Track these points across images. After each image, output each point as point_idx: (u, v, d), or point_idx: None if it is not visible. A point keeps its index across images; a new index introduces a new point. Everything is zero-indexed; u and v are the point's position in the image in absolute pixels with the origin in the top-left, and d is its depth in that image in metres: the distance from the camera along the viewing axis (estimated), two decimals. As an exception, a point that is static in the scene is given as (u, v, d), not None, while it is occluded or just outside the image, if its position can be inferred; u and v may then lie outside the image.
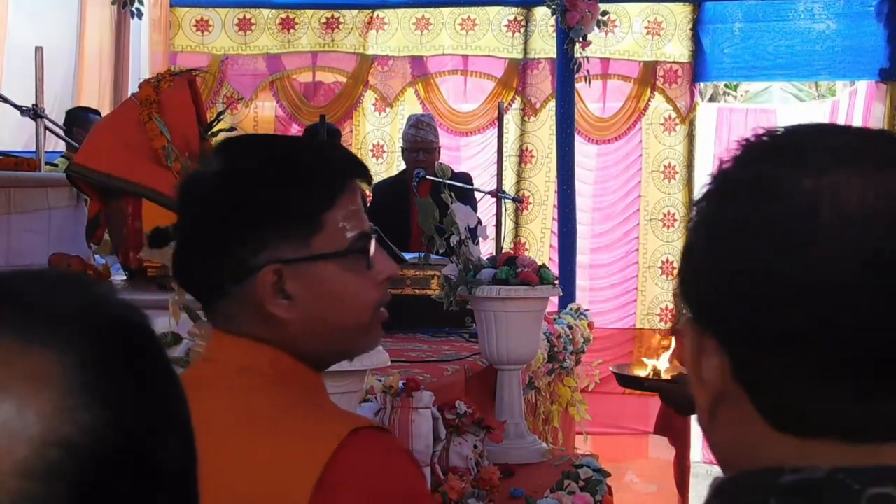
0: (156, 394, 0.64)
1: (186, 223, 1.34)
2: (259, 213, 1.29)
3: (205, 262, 1.31)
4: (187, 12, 7.31)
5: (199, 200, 1.33)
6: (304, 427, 1.26)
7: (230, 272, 1.29)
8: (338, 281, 1.32)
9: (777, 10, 6.83)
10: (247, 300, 1.29)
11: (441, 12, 7.17)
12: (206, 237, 1.31)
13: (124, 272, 3.87)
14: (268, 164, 1.33)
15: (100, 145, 3.79)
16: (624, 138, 7.07)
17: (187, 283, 1.37)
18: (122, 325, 0.64)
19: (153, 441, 0.62)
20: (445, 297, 3.78)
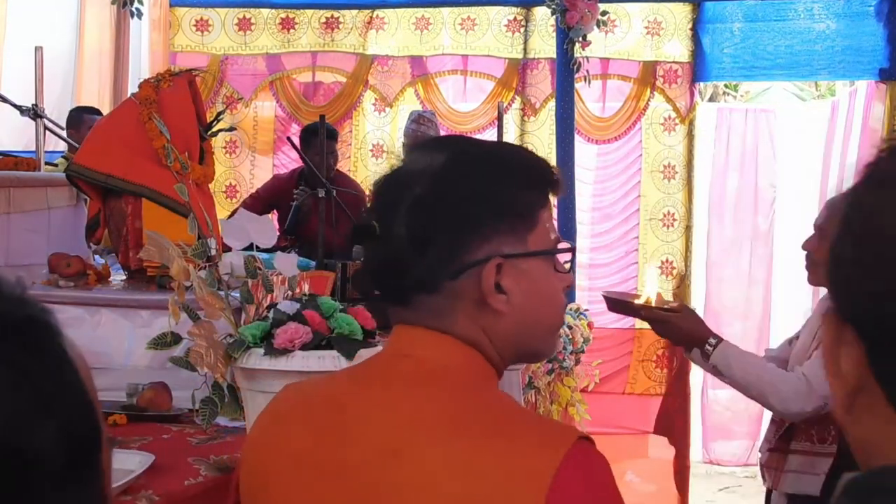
0: (35, 390, 0.64)
1: (398, 217, 1.31)
2: (488, 207, 1.31)
3: (422, 255, 1.30)
4: (187, 12, 7.31)
5: (416, 194, 1.31)
6: (525, 432, 1.26)
7: (449, 265, 1.29)
8: (546, 279, 1.34)
9: (777, 9, 6.83)
10: (460, 295, 1.30)
11: (441, 12, 7.17)
12: (426, 230, 1.30)
13: (124, 272, 3.87)
14: (491, 160, 1.34)
15: (99, 145, 3.79)
16: (624, 138, 7.07)
17: (388, 278, 1.35)
18: (5, 320, 0.64)
19: (28, 438, 0.62)
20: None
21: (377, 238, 1.33)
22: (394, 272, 1.33)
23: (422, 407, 1.28)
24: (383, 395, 1.31)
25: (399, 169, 1.39)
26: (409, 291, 1.33)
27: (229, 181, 7.34)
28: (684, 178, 7.03)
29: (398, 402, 1.30)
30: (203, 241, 2.56)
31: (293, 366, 2.22)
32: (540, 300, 1.34)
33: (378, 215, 1.34)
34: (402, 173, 1.36)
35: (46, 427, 0.64)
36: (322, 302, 2.34)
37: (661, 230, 7.03)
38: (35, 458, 0.63)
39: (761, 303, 7.34)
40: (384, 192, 1.36)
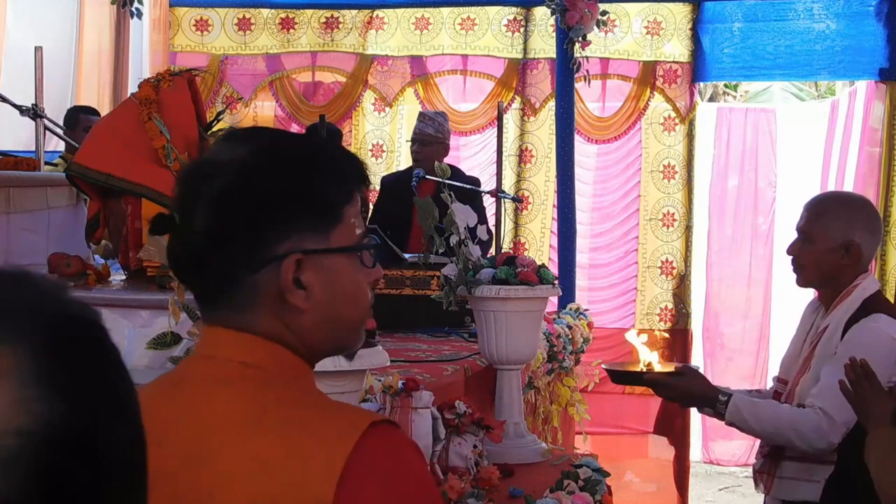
0: (106, 385, 0.66)
1: (199, 209, 1.29)
2: (289, 202, 1.29)
3: (222, 249, 1.28)
4: (187, 12, 7.31)
5: (217, 186, 1.29)
6: (319, 422, 1.25)
7: (248, 260, 1.28)
8: (348, 275, 1.32)
9: (776, 9, 6.83)
10: (261, 290, 1.29)
11: (440, 12, 7.17)
12: (225, 223, 1.28)
13: (124, 272, 3.87)
14: (295, 154, 1.32)
15: (99, 145, 3.79)
16: (623, 138, 7.07)
17: (191, 271, 1.33)
18: (72, 320, 0.66)
19: (103, 429, 0.64)
20: (445, 297, 3.78)
21: (177, 230, 1.31)
22: (195, 266, 1.31)
23: (222, 408, 1.27)
24: (188, 398, 1.29)
25: (202, 160, 1.37)
26: (210, 287, 1.32)
27: (229, 181, 7.33)
28: (684, 178, 7.03)
29: (200, 404, 1.28)
30: (203, 241, 2.56)
31: (293, 366, 2.22)
32: (343, 296, 1.32)
33: (179, 207, 1.31)
34: (205, 164, 1.34)
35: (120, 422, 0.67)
36: (322, 302, 2.34)
37: (660, 230, 7.03)
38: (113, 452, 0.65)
39: (761, 303, 7.34)
40: (186, 182, 1.32)
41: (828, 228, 3.13)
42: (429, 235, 3.82)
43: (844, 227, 3.12)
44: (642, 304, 7.01)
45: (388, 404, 2.98)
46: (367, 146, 7.30)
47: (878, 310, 3.08)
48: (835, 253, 3.12)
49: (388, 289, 4.70)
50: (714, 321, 7.32)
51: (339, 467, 1.18)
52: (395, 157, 7.26)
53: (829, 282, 3.16)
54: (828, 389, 3.00)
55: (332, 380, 2.22)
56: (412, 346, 4.33)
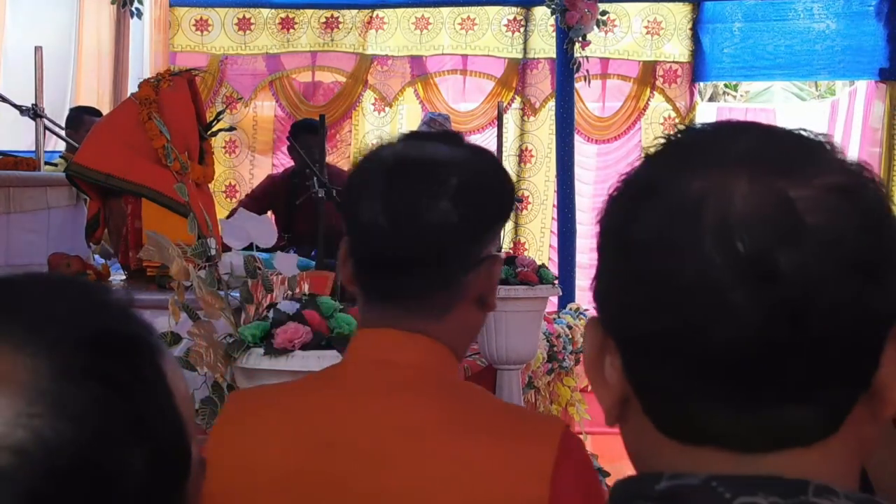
0: (128, 410, 0.61)
1: (432, 205, 1.26)
2: (507, 204, 1.35)
3: (454, 246, 1.28)
4: (187, 12, 7.31)
5: (455, 184, 1.27)
6: (520, 427, 1.27)
7: (465, 259, 1.29)
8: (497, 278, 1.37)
9: (776, 9, 6.83)
10: (467, 291, 1.30)
11: (440, 12, 7.17)
12: (470, 222, 1.27)
13: (124, 272, 3.87)
14: (490, 169, 1.35)
15: (99, 145, 3.79)
16: (623, 138, 7.07)
17: (405, 268, 1.29)
18: (108, 337, 0.62)
19: (114, 458, 0.60)
20: (445, 297, 3.78)
21: (397, 227, 1.27)
22: (415, 263, 1.28)
23: (409, 412, 1.27)
24: (370, 403, 1.29)
25: (415, 158, 1.31)
26: (419, 286, 1.29)
27: (229, 181, 7.34)
28: (684, 178, 7.03)
29: (386, 409, 1.28)
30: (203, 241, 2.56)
31: (293, 366, 2.22)
32: (481, 305, 1.36)
33: (403, 202, 1.27)
34: (425, 161, 1.30)
35: (135, 450, 0.61)
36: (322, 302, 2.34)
37: (660, 230, 7.02)
38: (121, 481, 0.61)
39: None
40: (408, 179, 1.29)
41: None
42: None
43: None
44: (642, 304, 7.01)
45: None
46: (366, 146, 7.29)
47: None
48: None
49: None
50: (714, 321, 7.33)
51: (550, 469, 1.21)
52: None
53: None
54: None
55: (332, 380, 2.22)
56: (412, 346, 4.32)
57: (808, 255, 0.63)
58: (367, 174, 1.30)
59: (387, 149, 1.31)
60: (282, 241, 5.23)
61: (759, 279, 0.63)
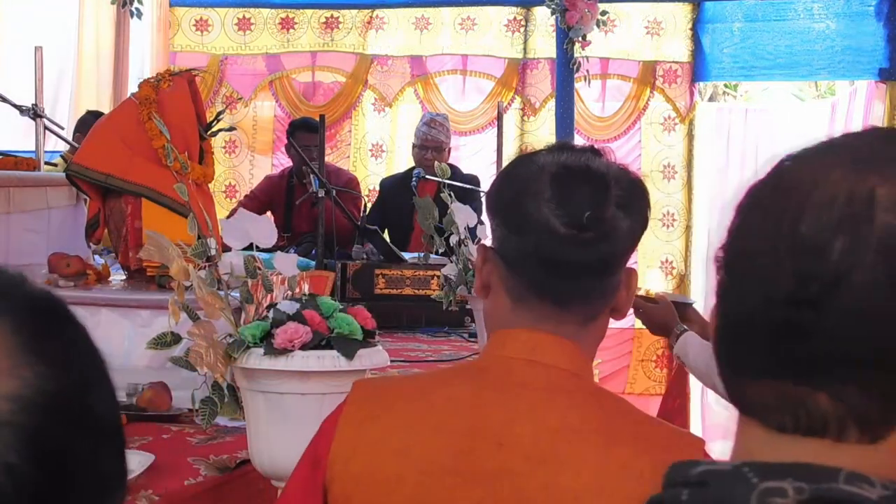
0: (85, 353, 0.69)
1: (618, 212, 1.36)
2: (648, 220, 1.46)
3: (625, 255, 1.39)
4: (186, 12, 7.31)
5: (633, 195, 1.41)
6: (668, 437, 1.33)
7: (623, 269, 1.39)
8: None
9: (777, 9, 6.83)
10: (608, 301, 1.37)
11: (440, 12, 7.17)
12: (634, 232, 1.40)
13: (124, 272, 3.87)
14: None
15: (99, 145, 3.79)
16: (623, 138, 7.07)
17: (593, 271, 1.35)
18: (45, 300, 0.70)
19: (89, 393, 0.67)
20: (445, 297, 3.78)
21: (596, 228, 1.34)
22: (597, 271, 1.35)
23: (566, 414, 1.30)
24: (522, 401, 1.31)
25: (579, 166, 1.39)
26: (583, 292, 1.36)
27: (229, 181, 7.34)
28: (684, 178, 7.03)
29: (544, 409, 1.31)
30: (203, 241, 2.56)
31: (293, 366, 2.22)
32: None
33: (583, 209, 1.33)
34: (592, 171, 1.38)
35: (108, 391, 0.70)
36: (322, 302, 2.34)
37: (660, 230, 7.03)
38: (104, 422, 0.68)
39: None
40: (581, 186, 1.35)
41: None
42: (429, 235, 3.82)
43: None
44: (642, 304, 7.01)
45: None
46: (366, 146, 7.30)
47: None
48: None
49: (388, 289, 4.70)
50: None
51: None
52: (394, 157, 7.26)
53: None
54: None
55: (332, 380, 2.22)
56: (412, 346, 4.33)
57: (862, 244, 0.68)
58: (530, 180, 1.33)
59: (544, 156, 1.37)
60: (282, 240, 5.24)
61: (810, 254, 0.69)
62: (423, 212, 3.83)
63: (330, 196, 4.63)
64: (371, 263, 4.77)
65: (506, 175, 1.40)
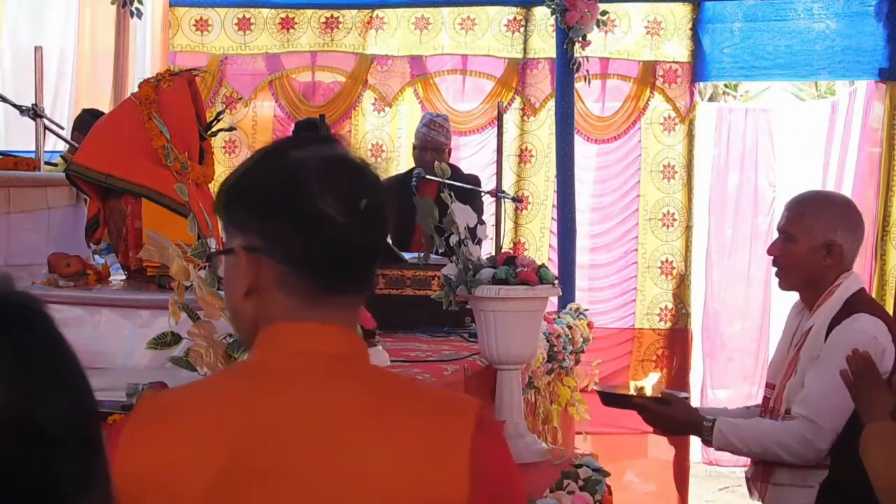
0: (41, 363, 0.67)
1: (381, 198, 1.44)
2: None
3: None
4: (186, 12, 7.31)
5: (379, 181, 1.45)
6: (440, 407, 1.37)
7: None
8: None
9: (777, 9, 6.83)
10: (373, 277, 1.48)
11: (440, 12, 7.16)
12: (388, 216, 1.46)
13: (124, 272, 3.87)
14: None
15: (99, 145, 3.79)
16: (623, 138, 7.07)
17: (371, 257, 1.44)
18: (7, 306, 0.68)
19: (41, 406, 0.66)
20: (445, 297, 3.78)
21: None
22: (374, 257, 1.42)
23: (340, 400, 1.32)
24: (291, 395, 1.32)
25: (336, 157, 1.43)
26: (366, 278, 1.43)
27: (229, 181, 7.32)
28: (684, 178, 7.03)
29: (314, 399, 1.32)
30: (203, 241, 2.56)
31: (293, 366, 2.22)
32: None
33: (355, 199, 1.39)
34: (350, 162, 1.43)
35: (60, 400, 0.68)
36: (322, 302, 2.34)
37: (660, 230, 7.03)
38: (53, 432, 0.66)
39: (761, 302, 7.33)
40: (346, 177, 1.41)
41: (809, 228, 3.11)
42: (429, 235, 3.82)
43: (826, 227, 3.11)
44: (642, 304, 7.01)
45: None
46: (366, 146, 7.29)
47: (859, 309, 3.06)
48: (816, 253, 3.10)
49: (389, 289, 4.70)
50: (714, 321, 7.32)
51: (468, 444, 1.30)
52: (394, 157, 7.26)
53: (812, 283, 3.15)
54: (812, 396, 2.99)
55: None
56: (412, 346, 4.33)
57: None
58: (291, 177, 1.35)
59: (294, 151, 1.39)
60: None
61: None
62: (423, 212, 3.83)
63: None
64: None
65: (257, 176, 1.40)
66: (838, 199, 3.40)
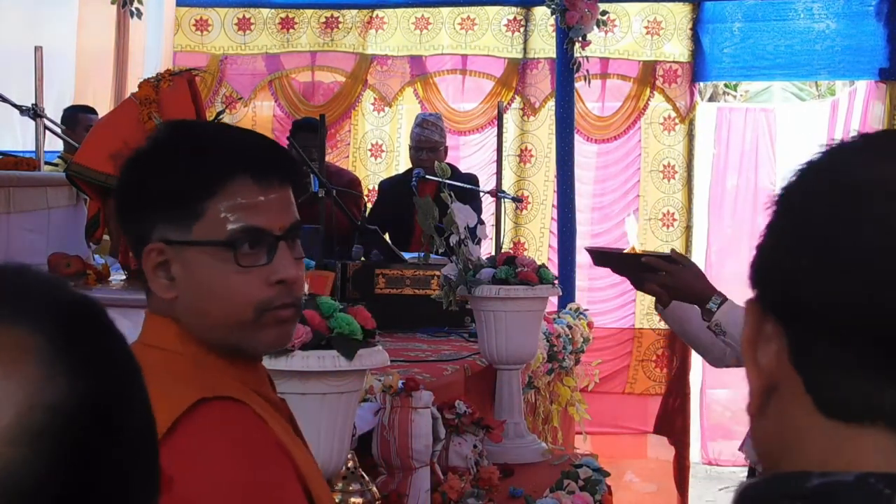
0: (119, 365, 0.68)
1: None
2: (146, 193, 1.35)
3: (123, 237, 1.44)
4: (187, 12, 7.31)
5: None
6: (158, 397, 1.24)
7: (133, 247, 1.37)
8: (211, 271, 1.33)
9: (776, 9, 6.83)
10: (144, 277, 1.37)
11: (440, 12, 7.17)
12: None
13: (124, 272, 3.87)
14: (166, 146, 1.38)
15: (99, 145, 3.79)
16: (623, 138, 7.07)
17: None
18: (82, 307, 0.69)
19: (121, 405, 0.66)
20: (445, 297, 3.78)
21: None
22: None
23: None
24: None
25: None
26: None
27: (229, 181, 7.32)
28: (684, 178, 7.03)
29: None
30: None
31: (293, 366, 2.22)
32: (206, 292, 1.33)
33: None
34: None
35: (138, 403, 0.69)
36: (322, 302, 2.34)
37: (660, 230, 7.03)
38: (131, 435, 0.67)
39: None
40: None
41: None
42: (429, 235, 3.82)
43: None
44: (642, 303, 7.01)
45: (388, 404, 2.98)
46: (366, 146, 7.30)
47: None
48: None
49: (388, 289, 4.70)
50: (714, 321, 7.31)
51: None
52: (394, 157, 7.26)
53: None
54: None
55: (332, 380, 2.22)
56: (412, 346, 4.33)
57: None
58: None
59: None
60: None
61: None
62: (423, 212, 3.84)
63: (330, 196, 4.63)
64: (371, 263, 4.77)
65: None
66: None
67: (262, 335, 1.35)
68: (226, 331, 1.34)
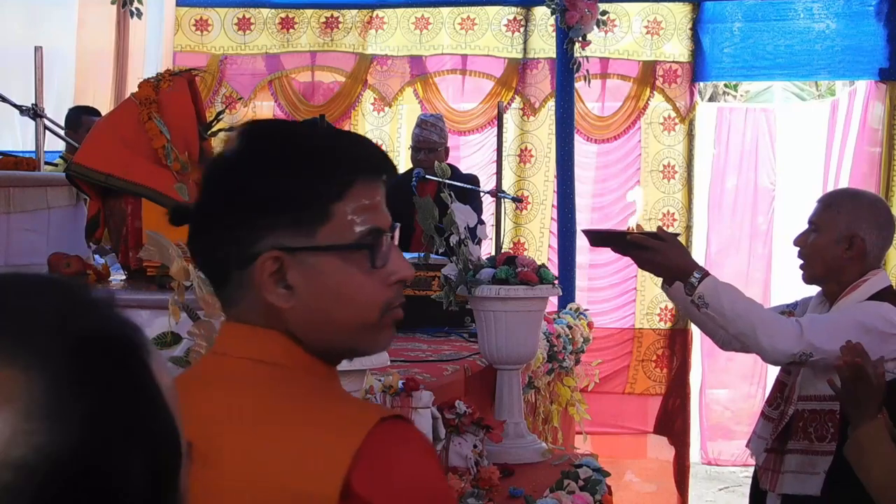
0: (125, 414, 0.61)
1: (202, 203, 1.31)
2: (262, 199, 1.26)
3: (212, 244, 1.29)
4: (187, 12, 7.31)
5: (212, 181, 1.31)
6: (329, 418, 1.22)
7: (233, 256, 1.27)
8: (339, 275, 1.28)
9: (777, 9, 6.83)
10: (247, 286, 1.27)
11: (440, 12, 7.17)
12: (214, 219, 1.29)
13: (124, 272, 3.87)
14: (278, 148, 1.30)
15: (99, 145, 3.79)
16: (623, 138, 7.06)
17: (199, 263, 1.35)
18: (98, 341, 0.61)
19: (116, 464, 0.60)
20: (445, 297, 3.78)
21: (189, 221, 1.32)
22: (199, 258, 1.33)
23: (227, 403, 1.25)
24: (198, 397, 1.24)
25: (217, 153, 1.37)
26: (213, 279, 1.33)
27: (229, 181, 7.32)
28: (684, 178, 7.03)
29: (208, 402, 1.25)
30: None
31: (293, 366, 2.22)
32: (334, 296, 1.28)
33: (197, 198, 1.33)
34: (214, 158, 1.36)
35: (134, 452, 0.61)
36: (322, 302, 2.34)
37: (660, 230, 7.02)
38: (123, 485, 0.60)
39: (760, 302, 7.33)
40: (202, 175, 1.34)
41: (833, 219, 3.14)
42: (429, 235, 3.82)
43: (850, 219, 3.12)
44: (642, 303, 7.01)
45: (388, 404, 2.98)
46: (366, 146, 7.29)
47: (885, 300, 3.07)
48: (837, 245, 3.11)
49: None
50: (714, 321, 7.32)
51: (348, 460, 1.16)
52: (394, 157, 7.26)
53: (833, 276, 3.15)
54: (820, 319, 3.03)
55: (332, 380, 2.22)
56: (412, 346, 4.33)
57: None
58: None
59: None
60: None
61: None
62: (423, 212, 3.83)
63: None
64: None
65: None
66: (869, 196, 3.43)
67: (381, 336, 1.35)
68: (346, 335, 1.31)
